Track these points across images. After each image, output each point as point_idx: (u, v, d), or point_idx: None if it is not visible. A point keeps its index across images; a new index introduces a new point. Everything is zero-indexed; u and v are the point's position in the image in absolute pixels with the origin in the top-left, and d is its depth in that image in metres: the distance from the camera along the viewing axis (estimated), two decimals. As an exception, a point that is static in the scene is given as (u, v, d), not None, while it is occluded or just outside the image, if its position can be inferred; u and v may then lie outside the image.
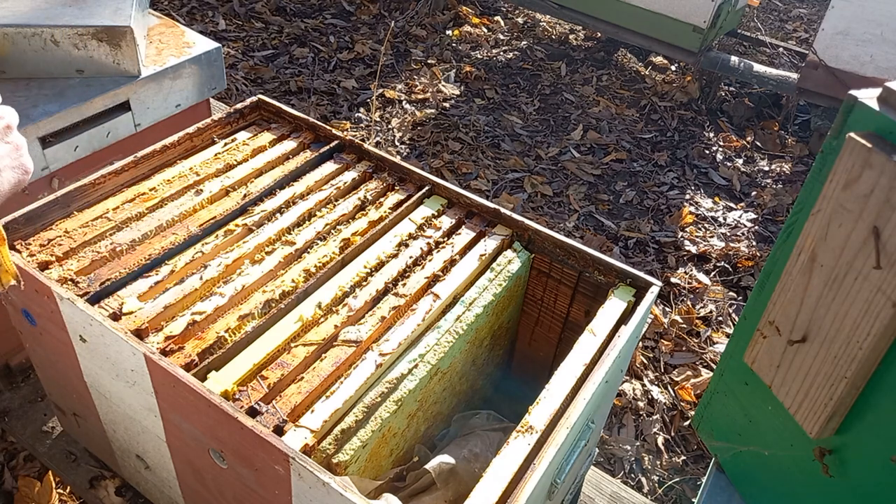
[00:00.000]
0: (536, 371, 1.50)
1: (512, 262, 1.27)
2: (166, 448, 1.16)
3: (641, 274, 1.19)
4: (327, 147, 1.46)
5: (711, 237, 2.88)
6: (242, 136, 1.48)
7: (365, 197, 1.36)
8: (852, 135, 0.68)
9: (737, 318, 2.01)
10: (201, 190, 1.32)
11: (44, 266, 1.13)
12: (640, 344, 2.33)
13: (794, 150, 3.52)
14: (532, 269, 1.33)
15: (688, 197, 3.13)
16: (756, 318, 0.89)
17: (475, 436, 1.20)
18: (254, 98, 1.56)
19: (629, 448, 1.99)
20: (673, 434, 2.07)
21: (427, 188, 1.38)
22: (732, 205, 3.11)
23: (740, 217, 3.03)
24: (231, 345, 1.04)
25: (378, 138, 3.23)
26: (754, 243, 2.86)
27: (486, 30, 4.36)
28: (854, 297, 0.71)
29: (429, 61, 3.87)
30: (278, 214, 1.29)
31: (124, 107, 1.63)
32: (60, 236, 1.19)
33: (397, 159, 1.43)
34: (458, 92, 3.65)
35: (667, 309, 2.49)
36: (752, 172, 3.36)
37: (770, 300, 0.84)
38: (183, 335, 1.05)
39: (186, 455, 1.12)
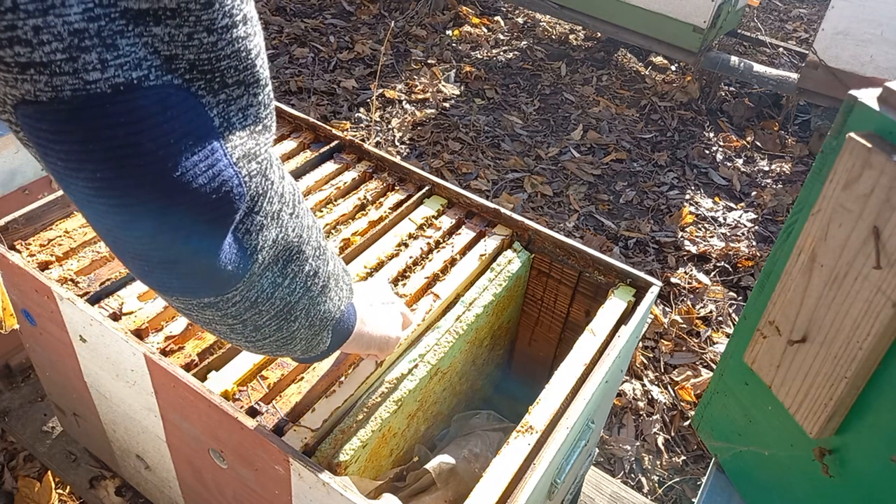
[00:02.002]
0: (536, 371, 1.50)
1: (512, 262, 1.27)
2: (166, 448, 1.16)
3: (641, 274, 1.19)
4: (327, 147, 1.46)
5: (711, 237, 2.88)
6: (242, 136, 1.48)
7: (365, 197, 1.37)
8: (852, 135, 0.68)
9: (737, 318, 2.01)
10: (201, 190, 1.32)
11: (44, 266, 1.13)
12: (640, 344, 2.33)
13: (794, 150, 3.52)
14: (532, 269, 1.33)
15: (688, 197, 3.13)
16: (756, 318, 0.89)
17: (475, 436, 1.20)
18: (254, 98, 1.56)
19: (629, 448, 1.99)
20: (673, 434, 2.07)
21: (427, 188, 1.38)
22: (732, 205, 3.11)
23: (740, 217, 3.03)
24: (231, 345, 1.04)
25: (378, 138, 3.23)
26: (754, 243, 2.86)
27: (486, 30, 4.36)
28: (854, 297, 0.71)
29: (429, 61, 3.87)
30: (278, 214, 1.29)
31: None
32: (60, 236, 1.19)
33: (397, 159, 1.43)
34: (458, 92, 3.65)
35: (667, 309, 2.49)
36: (752, 172, 3.36)
37: (770, 300, 0.84)
38: (183, 335, 1.05)
39: (186, 455, 1.12)
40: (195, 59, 0.46)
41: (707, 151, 3.47)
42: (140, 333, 1.03)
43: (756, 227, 2.97)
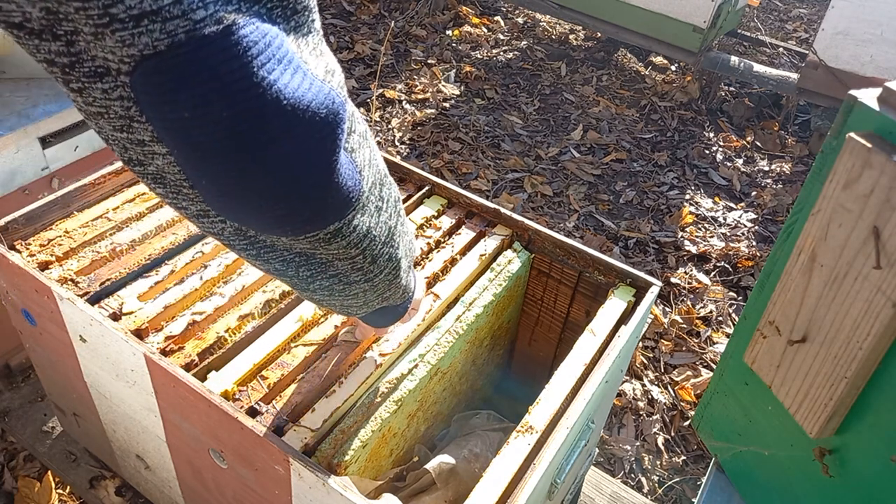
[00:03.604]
0: (536, 371, 1.50)
1: (512, 262, 1.27)
2: (166, 448, 1.16)
3: (641, 274, 1.19)
4: (327, 147, 1.46)
5: (711, 237, 2.88)
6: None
7: (365, 197, 1.36)
8: (852, 135, 0.68)
9: (737, 318, 2.01)
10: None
11: (44, 266, 1.13)
12: (640, 344, 2.33)
13: (794, 150, 3.52)
14: (532, 269, 1.33)
15: (688, 197, 3.13)
16: (756, 318, 0.89)
17: (475, 436, 1.20)
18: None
19: (629, 448, 1.99)
20: (673, 434, 2.07)
21: (427, 188, 1.38)
22: (732, 205, 3.11)
23: (740, 217, 3.03)
24: (231, 345, 1.04)
25: (378, 138, 3.23)
26: (754, 243, 2.86)
27: (486, 30, 4.36)
28: (854, 297, 0.71)
29: (429, 61, 3.87)
30: (278, 214, 1.29)
31: (124, 107, 1.63)
32: (60, 236, 1.19)
33: (397, 159, 1.43)
34: (458, 92, 3.65)
35: (667, 309, 2.49)
36: (752, 172, 3.36)
37: (770, 300, 0.84)
38: (183, 335, 1.05)
39: (186, 455, 1.12)
40: None
41: (707, 151, 3.47)
42: (140, 333, 1.03)
43: (756, 227, 2.97)
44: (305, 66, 0.51)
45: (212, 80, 0.45)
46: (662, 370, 2.25)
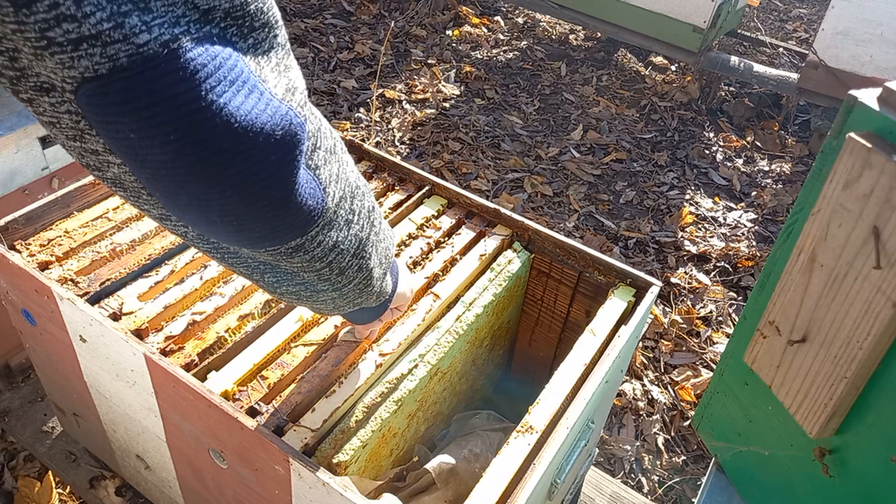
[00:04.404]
0: (536, 371, 1.50)
1: (512, 262, 1.27)
2: (166, 448, 1.16)
3: (641, 274, 1.19)
4: (327, 147, 1.46)
5: (711, 237, 2.88)
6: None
7: (365, 197, 1.36)
8: (852, 135, 0.68)
9: (737, 318, 2.01)
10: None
11: (44, 266, 1.13)
12: (640, 344, 2.33)
13: (794, 150, 3.52)
14: (532, 269, 1.33)
15: (688, 197, 3.13)
16: (756, 318, 0.89)
17: (475, 436, 1.20)
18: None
19: (629, 448, 1.99)
20: (673, 434, 2.07)
21: (427, 188, 1.38)
22: (732, 205, 3.11)
23: (740, 217, 3.03)
24: (231, 345, 1.04)
25: (378, 138, 3.23)
26: (754, 243, 2.86)
27: (486, 30, 4.36)
28: (854, 297, 0.71)
29: (429, 61, 3.87)
30: (278, 214, 1.29)
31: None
32: (60, 236, 1.19)
33: (397, 159, 1.43)
34: (458, 92, 3.65)
35: (667, 309, 2.49)
36: (752, 172, 3.36)
37: (770, 300, 0.84)
38: (183, 335, 1.05)
39: (186, 455, 1.12)
40: (230, 7, 0.48)
41: (707, 151, 3.47)
42: (140, 333, 1.03)
43: (756, 227, 2.97)
44: (263, 85, 0.50)
45: (156, 105, 0.44)
46: (662, 370, 2.25)
